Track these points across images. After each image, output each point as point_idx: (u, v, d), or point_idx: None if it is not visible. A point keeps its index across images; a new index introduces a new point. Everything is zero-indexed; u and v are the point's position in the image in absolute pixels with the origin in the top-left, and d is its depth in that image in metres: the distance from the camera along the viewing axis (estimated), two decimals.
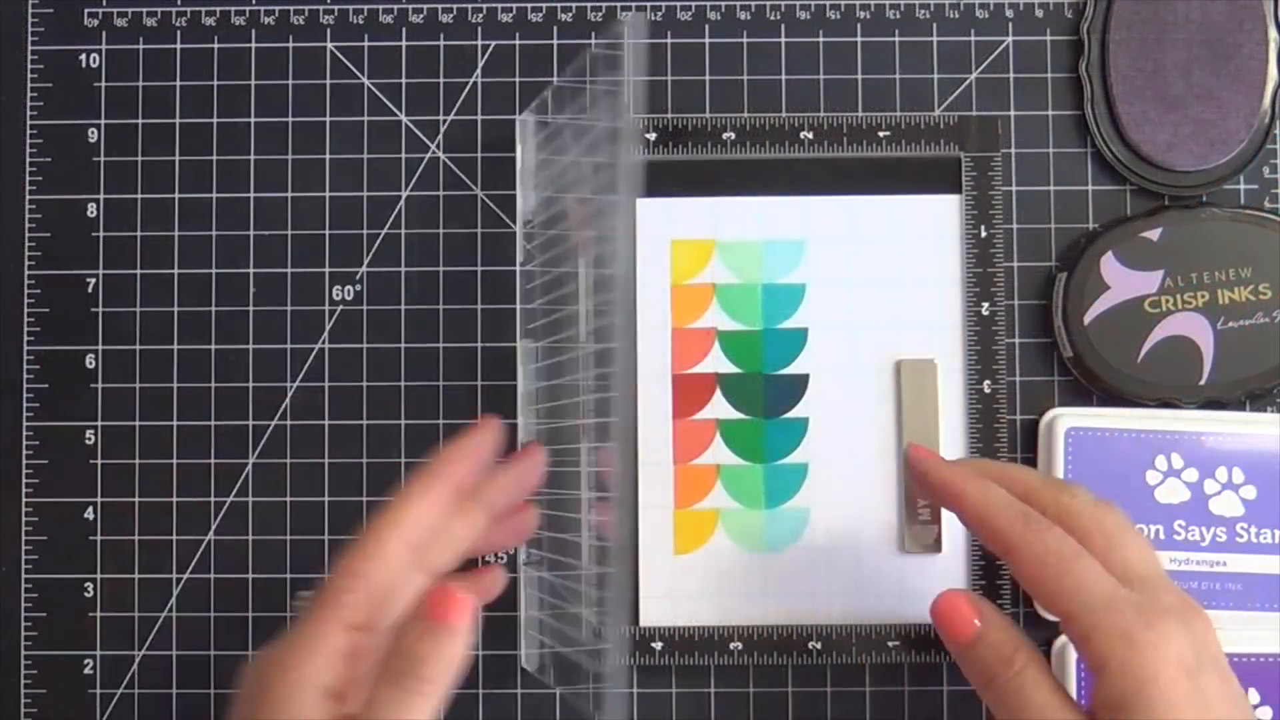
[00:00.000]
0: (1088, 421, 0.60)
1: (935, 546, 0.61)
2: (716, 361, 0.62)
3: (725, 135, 0.62)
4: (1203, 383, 0.60)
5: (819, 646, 0.60)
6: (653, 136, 0.62)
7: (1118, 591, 0.47)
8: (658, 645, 0.60)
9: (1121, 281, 0.61)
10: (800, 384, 0.62)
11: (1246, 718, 0.47)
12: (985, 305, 0.61)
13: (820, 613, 0.61)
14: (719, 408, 0.62)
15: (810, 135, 0.62)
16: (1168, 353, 0.60)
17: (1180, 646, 0.46)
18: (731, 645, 0.60)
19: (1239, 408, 0.61)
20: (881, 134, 0.62)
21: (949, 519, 0.60)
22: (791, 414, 0.61)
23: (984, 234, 0.61)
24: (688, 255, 0.62)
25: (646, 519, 0.61)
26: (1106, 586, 0.47)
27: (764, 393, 0.62)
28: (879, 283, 0.61)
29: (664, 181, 0.62)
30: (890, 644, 0.60)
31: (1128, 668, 0.46)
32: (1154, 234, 0.61)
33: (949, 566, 0.61)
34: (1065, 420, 0.60)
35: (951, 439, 0.61)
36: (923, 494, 0.58)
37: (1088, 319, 0.60)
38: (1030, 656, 0.49)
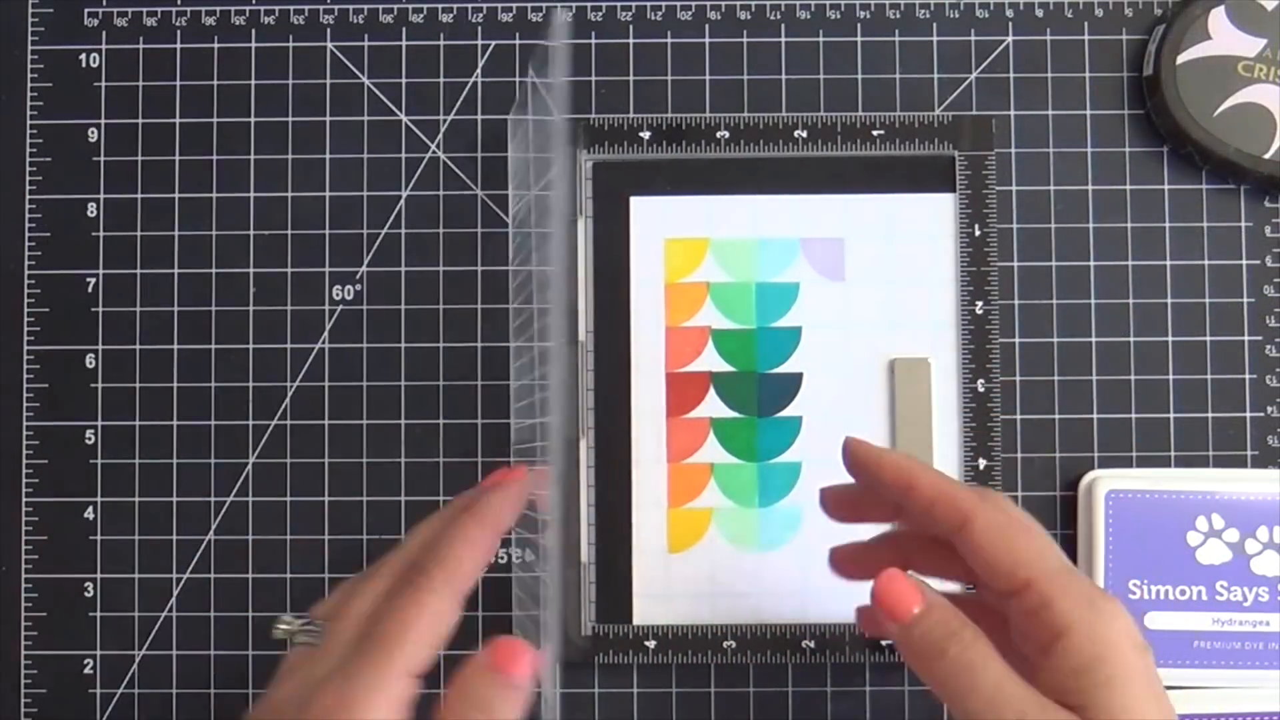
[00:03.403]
0: (1128, 484, 0.60)
1: None
2: (710, 360, 0.62)
3: (719, 134, 0.62)
4: (1269, 155, 0.61)
5: (812, 645, 0.60)
6: (646, 135, 0.62)
7: (1070, 564, 0.47)
8: (651, 644, 0.60)
9: (1224, 36, 0.61)
10: (794, 383, 0.62)
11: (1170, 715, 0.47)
12: (979, 304, 0.61)
13: (814, 611, 0.61)
14: (713, 406, 0.62)
15: (805, 134, 0.62)
16: (1244, 116, 0.61)
17: (1129, 622, 0.46)
18: (725, 644, 0.60)
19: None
20: (876, 133, 0.62)
21: None
22: (785, 413, 0.61)
23: (978, 233, 0.61)
24: (682, 254, 0.62)
25: (640, 517, 0.61)
26: (1064, 557, 0.47)
27: (758, 391, 0.62)
28: (873, 281, 0.61)
29: (658, 180, 0.62)
30: (884, 642, 0.60)
31: (1095, 631, 0.45)
32: (1270, 2, 0.61)
33: None
34: (1105, 483, 0.60)
35: (945, 438, 0.61)
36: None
37: (1180, 59, 0.61)
38: (977, 633, 0.46)
